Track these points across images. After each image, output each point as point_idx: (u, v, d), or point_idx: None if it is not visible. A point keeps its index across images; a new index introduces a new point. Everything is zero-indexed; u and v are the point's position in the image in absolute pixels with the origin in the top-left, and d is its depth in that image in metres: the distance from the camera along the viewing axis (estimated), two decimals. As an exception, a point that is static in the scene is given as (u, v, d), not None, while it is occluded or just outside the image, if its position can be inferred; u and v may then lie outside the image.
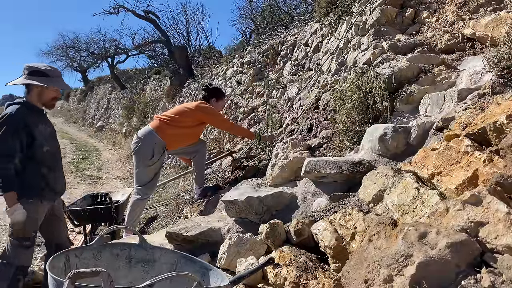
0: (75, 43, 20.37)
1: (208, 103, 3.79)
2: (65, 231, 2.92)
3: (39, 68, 2.54)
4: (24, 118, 2.45)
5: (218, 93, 3.95)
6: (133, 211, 3.59)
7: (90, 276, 1.19)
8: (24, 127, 2.44)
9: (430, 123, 2.40)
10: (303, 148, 3.13)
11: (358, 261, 1.61)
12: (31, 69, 2.53)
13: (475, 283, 1.29)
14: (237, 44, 13.42)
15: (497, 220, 1.38)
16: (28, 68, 2.54)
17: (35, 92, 2.55)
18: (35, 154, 2.50)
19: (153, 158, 3.49)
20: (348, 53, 4.23)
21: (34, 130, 2.49)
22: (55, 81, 2.58)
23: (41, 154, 2.53)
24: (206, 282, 1.73)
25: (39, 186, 2.52)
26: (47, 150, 2.57)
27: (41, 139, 2.52)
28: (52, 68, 2.62)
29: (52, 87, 2.57)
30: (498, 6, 3.01)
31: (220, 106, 4.03)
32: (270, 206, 2.60)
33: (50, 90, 2.58)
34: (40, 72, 2.53)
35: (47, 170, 2.56)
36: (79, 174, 8.49)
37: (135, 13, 12.59)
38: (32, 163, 2.50)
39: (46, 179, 2.56)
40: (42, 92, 2.56)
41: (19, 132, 2.42)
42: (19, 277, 2.44)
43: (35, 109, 2.58)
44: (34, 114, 2.55)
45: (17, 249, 2.44)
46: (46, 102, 2.62)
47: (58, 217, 2.79)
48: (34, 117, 2.53)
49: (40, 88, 2.54)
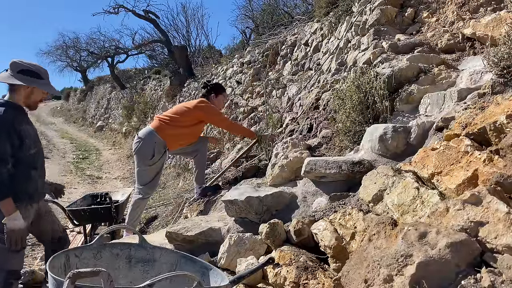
0: (75, 43, 20.39)
1: (208, 100, 3.78)
2: (57, 222, 2.79)
3: (30, 68, 2.38)
4: (12, 121, 2.29)
5: (216, 88, 3.91)
6: (134, 210, 3.60)
7: (90, 276, 1.19)
8: (14, 129, 2.29)
9: (430, 123, 2.40)
10: (303, 148, 3.13)
11: (358, 261, 1.61)
12: (20, 67, 2.36)
13: (475, 283, 1.29)
14: (237, 44, 13.42)
15: (497, 220, 1.38)
16: (17, 65, 2.36)
17: (23, 92, 2.39)
18: (24, 157, 2.37)
19: (154, 158, 3.49)
20: (348, 53, 4.23)
21: (22, 132, 2.34)
22: (48, 85, 2.46)
23: (29, 156, 2.40)
24: (206, 282, 1.73)
25: (29, 190, 2.41)
26: (34, 151, 2.45)
27: (29, 141, 2.39)
28: (42, 68, 2.47)
29: (43, 90, 2.43)
30: (498, 6, 3.01)
31: (221, 101, 3.98)
32: (270, 206, 2.60)
33: (40, 92, 2.44)
34: (31, 72, 2.37)
35: (35, 172, 2.45)
36: (79, 174, 8.49)
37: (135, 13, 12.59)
38: (21, 166, 2.36)
39: (35, 182, 2.46)
40: (31, 94, 2.41)
41: (11, 135, 2.27)
42: (10, 281, 2.37)
43: (20, 109, 2.42)
44: (20, 115, 2.40)
45: (7, 253, 2.33)
46: (32, 104, 2.46)
47: (46, 213, 2.69)
48: (19, 118, 2.37)
49: (30, 89, 2.38)
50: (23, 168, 2.38)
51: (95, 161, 10.50)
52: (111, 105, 17.56)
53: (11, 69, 2.38)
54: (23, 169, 2.39)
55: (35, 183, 2.48)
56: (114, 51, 17.19)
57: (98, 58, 19.02)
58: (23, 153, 2.37)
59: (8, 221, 2.26)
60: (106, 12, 13.02)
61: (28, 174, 2.42)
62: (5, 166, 2.24)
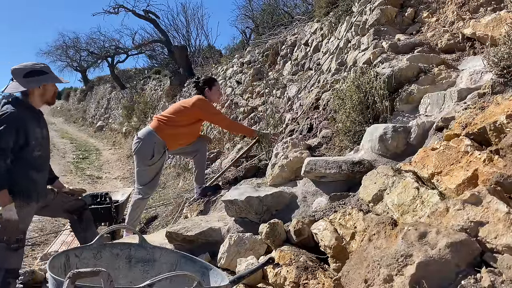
0: (75, 43, 20.38)
1: (204, 95, 3.74)
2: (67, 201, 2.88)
3: (33, 68, 2.46)
4: (24, 119, 2.40)
5: (207, 82, 3.83)
6: (134, 210, 3.60)
7: (90, 275, 1.19)
8: (23, 128, 2.39)
9: (430, 122, 2.40)
10: (303, 147, 3.13)
11: (358, 261, 1.61)
12: (24, 71, 2.44)
13: (475, 282, 1.29)
14: (237, 44, 13.42)
15: (497, 220, 1.38)
16: (20, 71, 2.44)
17: (37, 92, 2.48)
18: (26, 157, 2.45)
19: (153, 158, 3.49)
20: (348, 52, 4.23)
21: (30, 133, 2.43)
22: (53, 76, 2.53)
23: (31, 158, 2.47)
24: (206, 281, 1.73)
25: (26, 189, 2.47)
26: (39, 154, 2.52)
27: (34, 144, 2.47)
28: (40, 63, 2.54)
29: (52, 84, 2.53)
30: (498, 5, 3.01)
31: (216, 93, 3.88)
32: (270, 206, 2.60)
33: (51, 86, 2.53)
34: (35, 71, 2.45)
35: (35, 174, 2.52)
36: (79, 174, 8.49)
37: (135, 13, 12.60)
38: (22, 165, 2.44)
39: (34, 183, 2.52)
40: (44, 91, 2.51)
41: (18, 132, 2.37)
42: (9, 280, 2.40)
43: (35, 111, 2.52)
44: (32, 117, 2.49)
45: (5, 252, 2.39)
46: (49, 100, 2.58)
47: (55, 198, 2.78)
48: (32, 120, 2.48)
49: (42, 88, 2.48)
50: (23, 167, 2.44)
51: (95, 161, 10.50)
52: (111, 105, 17.56)
53: (15, 76, 2.45)
54: (23, 168, 2.44)
55: (35, 184, 2.52)
56: (114, 51, 17.20)
57: (98, 58, 19.03)
58: (26, 153, 2.44)
59: (4, 212, 2.33)
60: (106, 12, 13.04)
61: (27, 174, 2.47)
62: (4, 160, 2.32)
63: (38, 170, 2.54)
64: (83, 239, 2.87)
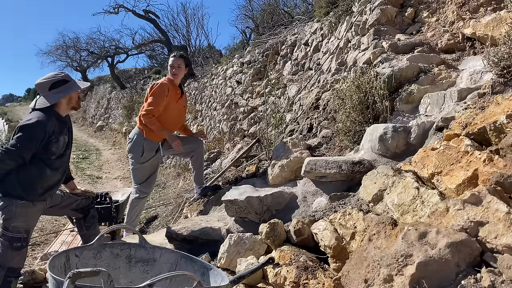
0: (75, 43, 20.35)
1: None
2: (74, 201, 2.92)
3: (56, 79, 2.56)
4: (51, 129, 2.48)
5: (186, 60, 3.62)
6: (131, 210, 3.59)
7: (90, 275, 1.19)
8: (48, 139, 2.46)
9: (430, 122, 2.40)
10: (303, 147, 3.13)
11: (358, 261, 1.61)
12: (48, 83, 2.54)
13: (475, 282, 1.29)
14: (237, 44, 13.43)
15: (497, 220, 1.38)
16: (44, 84, 2.54)
17: (64, 101, 2.59)
18: (43, 161, 2.52)
19: (144, 155, 3.45)
20: (348, 52, 4.23)
21: (53, 142, 2.51)
22: (77, 84, 2.65)
23: (49, 162, 2.54)
24: (206, 281, 1.73)
25: (36, 191, 2.52)
26: (57, 159, 2.59)
27: (55, 150, 2.54)
28: (62, 72, 2.66)
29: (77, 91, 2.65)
30: (498, 5, 3.01)
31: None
32: (270, 205, 2.60)
33: (75, 93, 2.64)
34: (60, 82, 2.56)
35: (50, 172, 2.57)
36: (79, 174, 8.48)
37: (135, 13, 12.61)
38: (36, 168, 2.50)
39: (46, 181, 2.57)
40: (69, 99, 2.62)
41: (42, 142, 2.44)
42: (10, 279, 2.43)
43: (61, 119, 2.61)
44: (60, 125, 2.57)
45: (8, 250, 2.42)
46: (75, 106, 2.70)
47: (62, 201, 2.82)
48: (59, 129, 2.56)
49: (67, 96, 2.59)
50: (39, 165, 2.51)
51: (95, 161, 10.50)
52: (111, 105, 17.57)
53: (41, 91, 2.56)
54: (39, 166, 2.52)
55: (46, 182, 2.58)
56: (114, 51, 17.22)
57: (98, 58, 19.03)
58: (45, 156, 2.52)
59: None
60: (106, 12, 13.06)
61: (43, 172, 2.53)
62: (15, 162, 2.41)
63: (53, 169, 2.59)
64: (87, 237, 2.90)
